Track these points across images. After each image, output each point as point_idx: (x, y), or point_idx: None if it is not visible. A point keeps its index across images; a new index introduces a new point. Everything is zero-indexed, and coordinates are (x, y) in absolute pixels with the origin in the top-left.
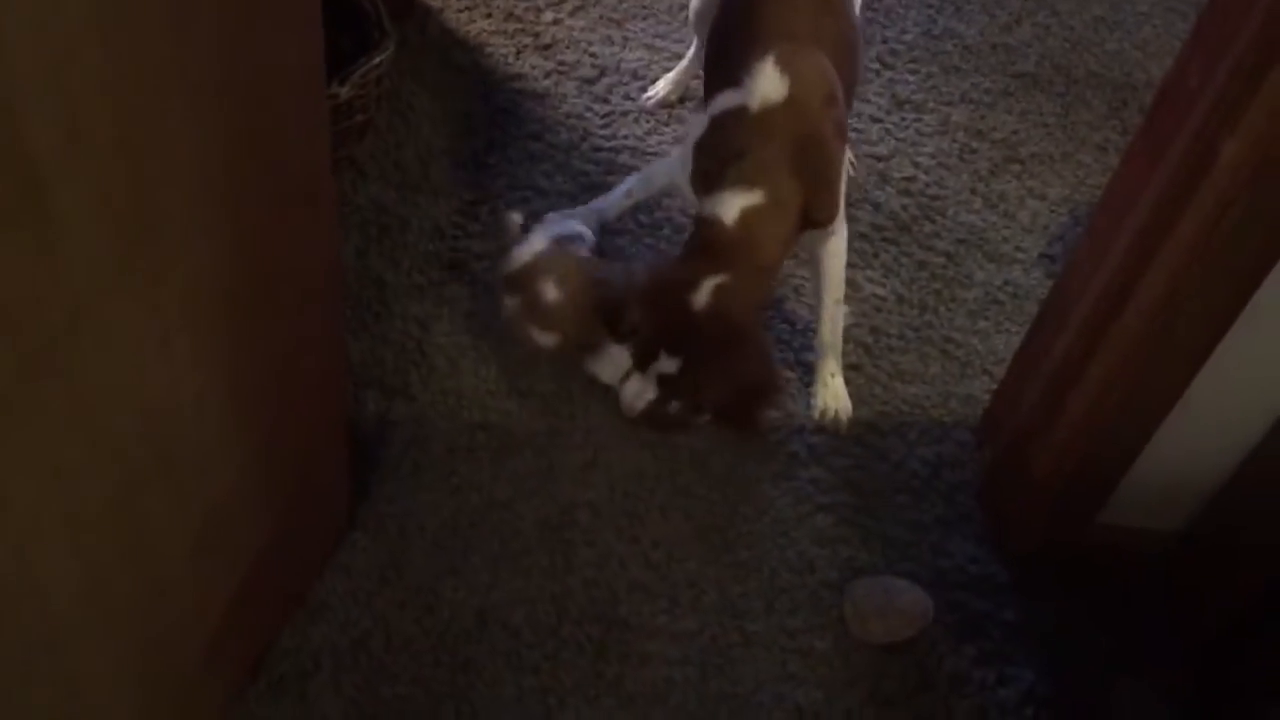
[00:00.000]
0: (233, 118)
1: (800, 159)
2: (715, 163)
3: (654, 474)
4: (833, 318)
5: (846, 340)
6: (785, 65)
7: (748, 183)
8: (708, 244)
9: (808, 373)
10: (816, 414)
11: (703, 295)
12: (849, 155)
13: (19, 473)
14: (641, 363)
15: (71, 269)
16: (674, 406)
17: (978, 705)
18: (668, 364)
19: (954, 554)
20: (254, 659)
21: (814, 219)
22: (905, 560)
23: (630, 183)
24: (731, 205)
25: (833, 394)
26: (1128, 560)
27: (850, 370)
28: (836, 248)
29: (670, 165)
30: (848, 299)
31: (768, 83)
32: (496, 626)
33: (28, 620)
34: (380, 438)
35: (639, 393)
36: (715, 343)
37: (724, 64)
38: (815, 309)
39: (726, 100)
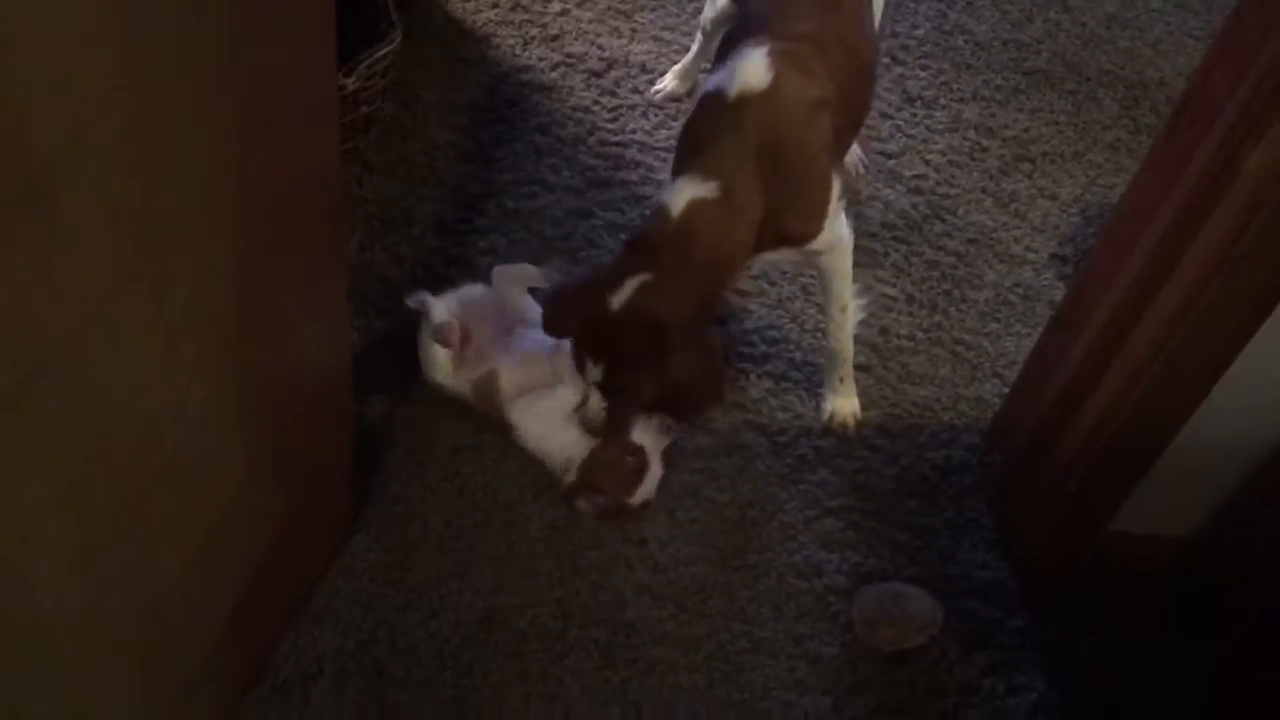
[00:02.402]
0: (241, 116)
1: (771, 162)
2: (687, 150)
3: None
4: (839, 325)
5: (855, 341)
6: (776, 59)
7: (703, 173)
8: (644, 236)
9: (815, 373)
10: (825, 418)
11: (623, 294)
12: (858, 154)
13: (20, 481)
14: (581, 371)
15: (77, 271)
16: (614, 406)
17: (987, 714)
18: (594, 371)
19: (963, 560)
20: (257, 662)
21: (785, 233)
22: (914, 566)
23: None
24: (681, 195)
25: (843, 400)
26: (1140, 567)
27: (859, 371)
28: (836, 264)
29: None
30: (856, 294)
31: (752, 71)
32: (502, 630)
33: (27, 624)
34: (384, 439)
35: (596, 402)
36: (634, 346)
37: (724, 48)
38: (824, 313)
39: (713, 82)
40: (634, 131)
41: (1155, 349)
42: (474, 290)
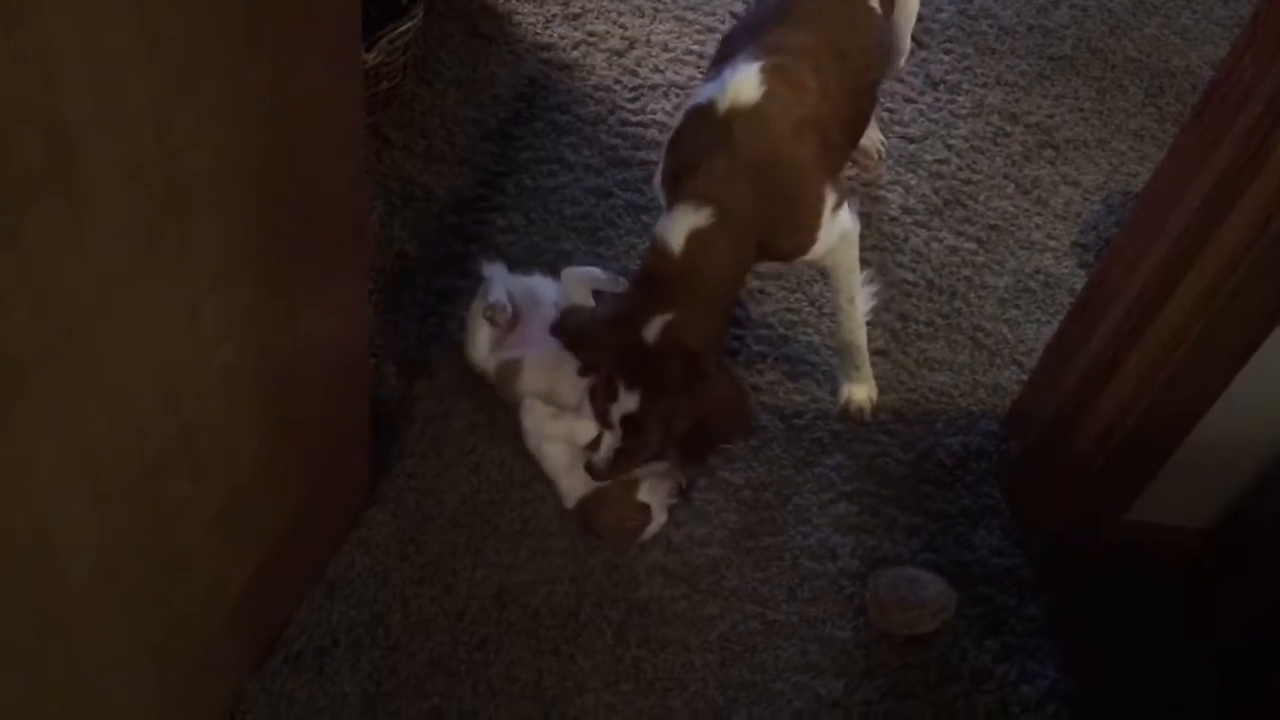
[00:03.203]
0: (266, 87)
1: (762, 179)
2: (677, 167)
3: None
4: (849, 315)
5: (874, 325)
6: (769, 74)
7: (698, 199)
8: (655, 275)
9: (832, 356)
10: (841, 404)
11: (653, 330)
12: (877, 136)
13: (44, 446)
14: (603, 409)
15: (101, 241)
16: (638, 444)
17: (1000, 701)
18: (628, 400)
19: (978, 547)
20: (273, 633)
21: (778, 250)
22: (928, 551)
23: None
24: (680, 228)
25: (859, 387)
26: (1157, 557)
27: (877, 356)
28: (840, 258)
29: None
30: (866, 281)
31: (744, 85)
32: (516, 607)
33: (44, 594)
34: (401, 413)
35: (609, 446)
36: (672, 374)
37: (723, 51)
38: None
39: (702, 94)
40: (655, 112)
41: (1177, 337)
42: (539, 282)
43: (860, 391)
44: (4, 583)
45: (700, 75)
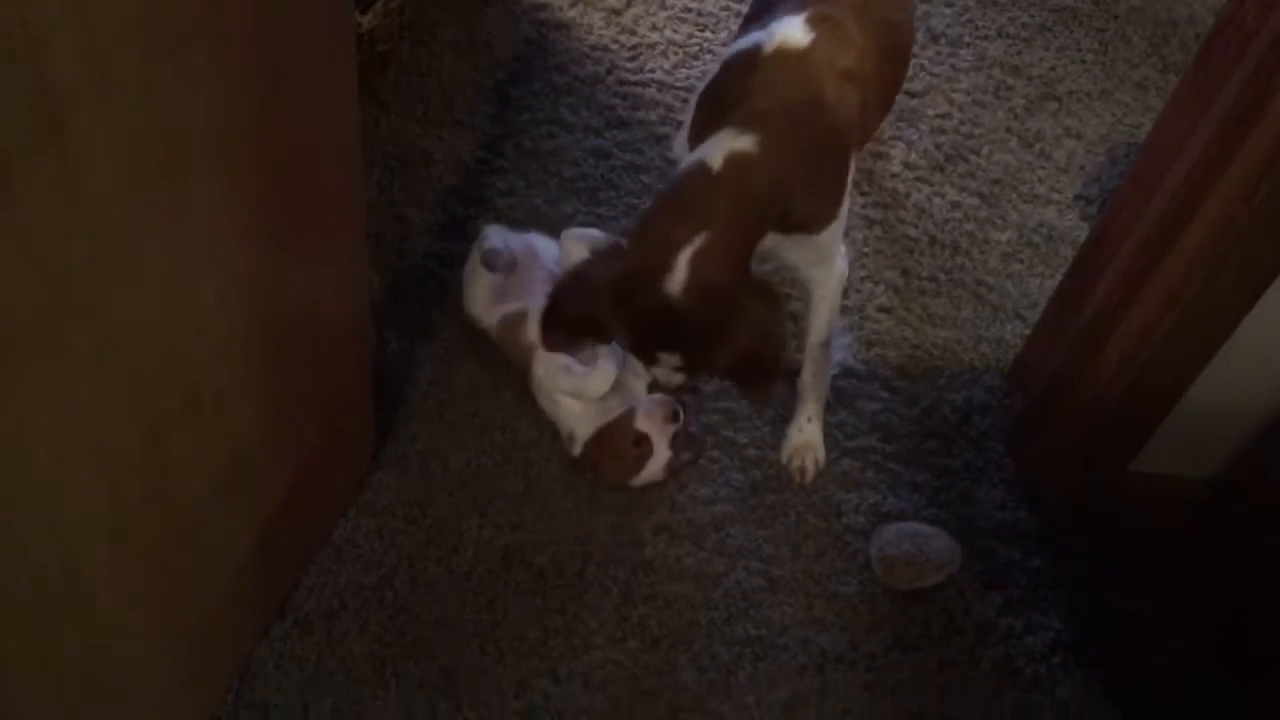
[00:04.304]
0: (259, 51)
1: (802, 125)
2: (714, 110)
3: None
4: (815, 360)
5: (876, 282)
6: (817, 23)
7: (742, 125)
8: (685, 197)
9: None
10: (784, 459)
11: (679, 274)
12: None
13: (46, 412)
14: (647, 362)
15: (96, 202)
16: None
17: (1004, 653)
18: (670, 360)
19: (982, 501)
20: (280, 597)
21: (795, 216)
22: (933, 506)
23: None
24: (720, 148)
25: (805, 441)
26: (1161, 509)
27: (880, 313)
28: (827, 288)
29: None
30: (840, 333)
31: (792, 31)
32: (521, 567)
33: (51, 559)
34: (404, 377)
35: (667, 374)
36: (707, 324)
37: (752, 14)
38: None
39: (745, 41)
40: (653, 71)
41: (1180, 287)
42: (539, 239)
43: (807, 446)
44: (11, 546)
45: (699, 32)
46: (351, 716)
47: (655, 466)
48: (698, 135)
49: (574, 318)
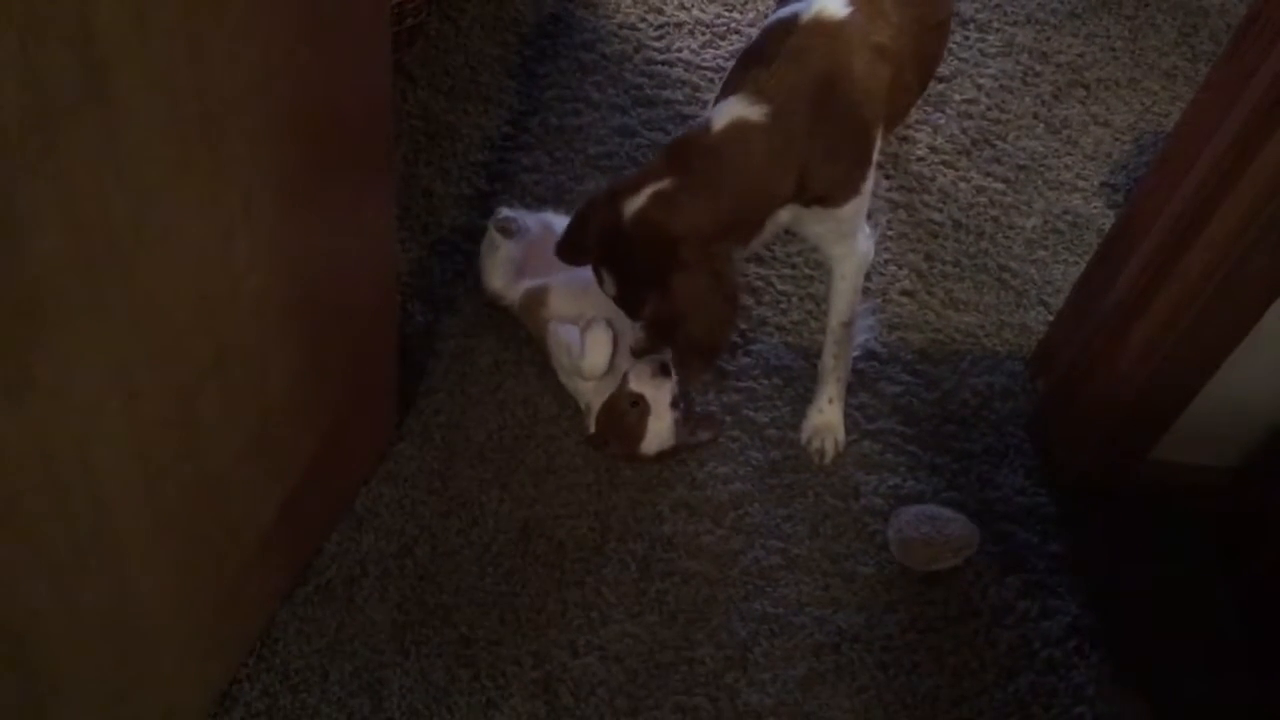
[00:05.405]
0: (297, 10)
1: (826, 97)
2: (743, 71)
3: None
4: (837, 341)
5: (899, 265)
6: (857, 2)
7: (755, 94)
8: (676, 148)
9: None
10: (804, 439)
11: (637, 201)
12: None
13: (81, 371)
14: (599, 277)
15: (137, 156)
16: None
17: (1020, 636)
18: (609, 285)
19: (1001, 485)
20: (302, 562)
21: (815, 188)
22: (952, 489)
23: None
24: (726, 113)
25: (825, 423)
26: (1182, 496)
27: (903, 297)
28: (849, 266)
29: None
30: (864, 314)
31: (830, 1)
32: (541, 540)
33: (84, 515)
34: (428, 349)
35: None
36: (642, 258)
37: None
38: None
39: (784, 10)
40: (680, 50)
41: (1205, 275)
42: (555, 217)
43: (827, 427)
44: (47, 496)
45: (727, 12)
46: (371, 682)
47: (660, 428)
48: (724, 93)
49: (580, 234)
